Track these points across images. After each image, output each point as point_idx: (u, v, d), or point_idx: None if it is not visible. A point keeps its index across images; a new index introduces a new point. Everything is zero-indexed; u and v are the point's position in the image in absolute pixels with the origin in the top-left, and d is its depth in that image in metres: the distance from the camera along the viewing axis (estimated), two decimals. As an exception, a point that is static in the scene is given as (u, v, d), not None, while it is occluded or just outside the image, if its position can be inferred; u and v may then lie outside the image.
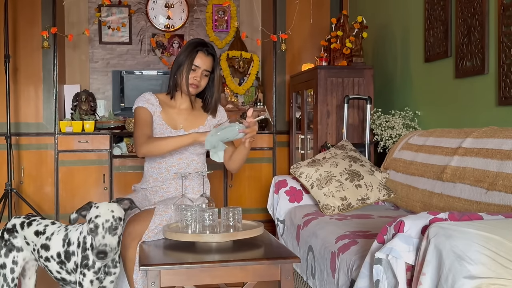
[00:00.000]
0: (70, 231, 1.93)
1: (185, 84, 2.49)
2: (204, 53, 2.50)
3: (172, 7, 5.30)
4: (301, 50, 4.92)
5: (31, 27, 4.56)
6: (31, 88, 4.59)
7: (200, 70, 2.50)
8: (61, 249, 1.91)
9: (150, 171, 2.59)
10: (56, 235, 1.94)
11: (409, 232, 1.57)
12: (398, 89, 3.94)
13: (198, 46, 2.50)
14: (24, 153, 4.57)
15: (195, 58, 2.48)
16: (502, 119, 2.73)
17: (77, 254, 1.86)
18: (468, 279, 1.32)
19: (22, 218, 2.03)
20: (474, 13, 2.92)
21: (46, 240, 1.94)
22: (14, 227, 2.01)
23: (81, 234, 1.89)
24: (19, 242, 2.00)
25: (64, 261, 1.90)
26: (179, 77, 2.51)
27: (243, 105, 5.25)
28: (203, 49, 2.50)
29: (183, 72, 2.49)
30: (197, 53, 2.49)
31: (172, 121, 2.56)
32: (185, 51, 2.51)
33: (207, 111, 2.61)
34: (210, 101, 2.59)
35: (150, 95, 2.58)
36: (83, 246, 1.87)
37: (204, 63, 2.50)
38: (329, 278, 2.31)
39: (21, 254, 2.00)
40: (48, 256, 1.94)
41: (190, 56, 2.48)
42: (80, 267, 1.84)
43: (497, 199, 2.18)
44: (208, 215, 2.05)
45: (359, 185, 3.00)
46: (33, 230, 1.97)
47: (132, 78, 5.08)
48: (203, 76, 2.52)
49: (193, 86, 2.51)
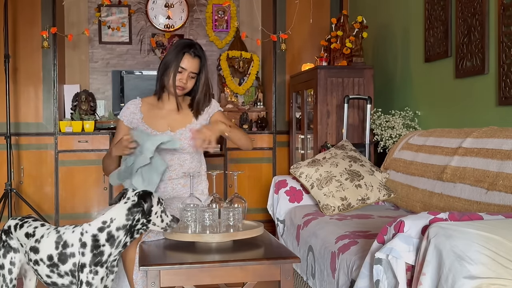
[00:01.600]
0: (64, 233, 1.89)
1: (172, 86, 2.49)
2: (190, 55, 2.47)
3: (172, 7, 5.30)
4: (301, 50, 4.92)
5: (31, 27, 4.56)
6: (31, 88, 4.59)
7: (186, 72, 2.48)
8: (53, 252, 1.87)
9: None
10: (46, 238, 1.90)
11: (409, 232, 1.57)
12: (398, 89, 3.94)
13: (184, 48, 2.48)
14: (24, 153, 4.57)
15: (181, 60, 2.46)
16: (502, 119, 2.73)
17: (80, 254, 1.83)
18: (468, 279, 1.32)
19: (17, 220, 2.02)
20: (474, 13, 2.92)
21: (35, 243, 1.90)
22: (9, 228, 2.00)
23: (84, 234, 1.86)
24: (15, 244, 1.99)
25: (57, 264, 1.86)
26: (165, 79, 2.50)
27: (243, 105, 5.25)
28: (189, 51, 2.47)
29: (170, 74, 2.48)
30: (184, 55, 2.47)
31: (156, 124, 2.56)
32: (171, 53, 2.49)
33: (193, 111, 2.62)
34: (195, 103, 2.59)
35: (131, 104, 2.62)
36: (94, 244, 1.83)
37: (190, 65, 2.47)
38: (329, 278, 2.31)
39: (18, 255, 1.99)
40: (37, 259, 1.89)
41: (176, 58, 2.46)
42: (90, 265, 1.82)
43: (497, 199, 2.18)
44: (208, 215, 2.05)
45: (359, 185, 3.00)
46: (24, 232, 1.96)
47: (132, 78, 5.08)
48: (190, 78, 2.50)
49: (179, 88, 2.50)
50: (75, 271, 1.84)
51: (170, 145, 2.39)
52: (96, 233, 1.85)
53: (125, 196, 1.91)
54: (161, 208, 1.91)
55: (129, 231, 1.87)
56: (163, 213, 1.92)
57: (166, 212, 1.93)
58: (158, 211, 1.90)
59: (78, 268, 1.83)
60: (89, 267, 1.82)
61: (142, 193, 1.89)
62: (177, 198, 2.51)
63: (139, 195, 1.88)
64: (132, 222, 1.86)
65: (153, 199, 1.90)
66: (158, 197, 1.93)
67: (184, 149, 2.55)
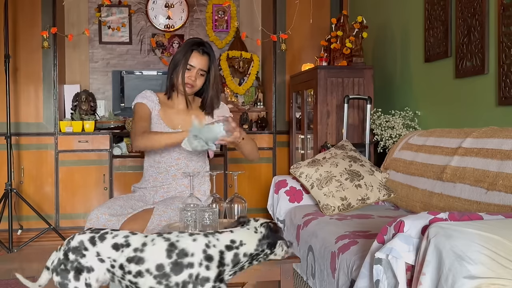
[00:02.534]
0: (178, 241, 1.70)
1: (181, 84, 2.49)
2: (199, 52, 2.49)
3: (172, 7, 5.30)
4: (301, 50, 4.92)
5: (31, 27, 4.56)
6: (31, 88, 4.59)
7: (195, 69, 2.49)
8: (164, 261, 1.66)
9: (150, 170, 2.60)
10: (151, 246, 1.69)
11: (409, 232, 1.57)
12: (398, 89, 3.94)
13: (193, 46, 2.50)
14: (24, 153, 4.57)
15: (190, 57, 2.48)
16: (502, 119, 2.73)
17: (202, 267, 1.67)
18: (468, 279, 1.32)
19: (89, 233, 1.73)
20: (474, 13, 2.93)
21: (136, 252, 1.67)
22: (82, 244, 1.70)
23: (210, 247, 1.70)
24: (88, 261, 1.69)
25: (168, 274, 1.65)
26: (175, 77, 2.51)
27: (243, 105, 5.25)
28: (198, 49, 2.49)
29: (179, 72, 2.49)
30: (192, 52, 2.48)
31: (170, 121, 2.57)
32: (180, 51, 2.51)
33: (205, 110, 2.61)
34: (207, 100, 2.59)
35: (150, 93, 2.60)
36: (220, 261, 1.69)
37: (199, 62, 2.49)
38: (329, 278, 2.31)
39: (93, 274, 1.69)
40: (141, 270, 1.66)
41: (185, 55, 2.48)
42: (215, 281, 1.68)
43: (497, 199, 2.18)
44: (208, 215, 2.05)
45: (359, 185, 3.00)
46: (111, 244, 1.69)
47: (132, 78, 5.08)
48: (199, 75, 2.51)
49: (189, 85, 2.51)
50: (189, 283, 1.66)
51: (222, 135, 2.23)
52: (223, 250, 1.71)
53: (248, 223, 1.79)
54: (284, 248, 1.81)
55: (252, 259, 1.76)
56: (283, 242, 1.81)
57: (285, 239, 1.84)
58: (282, 242, 1.80)
59: (197, 282, 1.67)
60: (213, 282, 1.67)
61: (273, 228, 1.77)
62: (178, 198, 2.51)
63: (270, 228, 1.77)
64: (259, 252, 1.76)
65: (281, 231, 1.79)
66: None
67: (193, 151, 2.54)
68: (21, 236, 4.38)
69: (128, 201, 2.50)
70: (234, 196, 2.24)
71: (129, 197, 2.55)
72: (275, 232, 1.76)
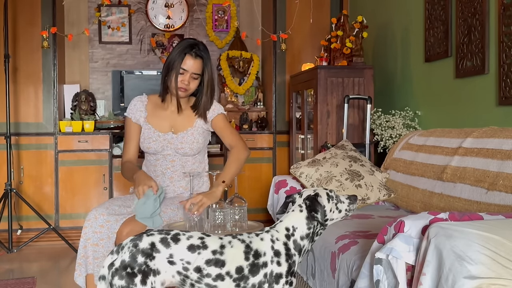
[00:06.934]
0: (251, 242, 1.66)
1: (174, 88, 2.47)
2: (191, 56, 2.45)
3: (172, 6, 5.30)
4: (301, 50, 4.92)
5: (31, 27, 4.56)
6: (31, 88, 4.59)
7: (188, 73, 2.46)
8: (243, 263, 1.62)
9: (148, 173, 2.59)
10: (230, 248, 1.64)
11: (409, 232, 1.57)
12: (398, 89, 3.94)
13: (186, 49, 2.45)
14: (24, 153, 4.57)
15: (182, 61, 2.44)
16: (502, 119, 2.73)
17: (274, 264, 1.66)
18: (468, 279, 1.31)
19: (158, 234, 1.63)
20: (474, 13, 2.92)
21: (216, 255, 1.61)
22: (153, 246, 1.59)
23: (275, 242, 1.68)
24: (156, 264, 1.58)
25: (246, 276, 1.62)
26: (168, 80, 2.49)
27: (243, 105, 5.25)
28: (191, 52, 2.45)
29: (172, 76, 2.46)
30: (185, 56, 2.45)
31: (159, 125, 2.55)
32: (173, 54, 2.47)
33: (196, 113, 2.59)
34: (199, 103, 2.56)
35: (137, 101, 2.60)
36: (287, 253, 1.68)
37: (192, 66, 2.45)
38: (329, 278, 2.31)
39: (158, 278, 1.58)
40: (221, 273, 1.60)
41: (178, 59, 2.44)
42: (287, 276, 1.66)
43: (497, 199, 2.18)
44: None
45: (359, 185, 2.99)
46: (186, 245, 1.60)
47: (132, 78, 5.08)
48: (192, 79, 2.48)
49: (182, 90, 2.48)
50: (264, 282, 1.64)
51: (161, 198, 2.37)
52: (286, 241, 1.70)
53: (294, 202, 1.77)
54: (333, 201, 1.77)
55: (312, 238, 1.75)
56: (338, 203, 1.78)
57: (340, 199, 1.79)
58: (332, 206, 1.76)
59: (272, 280, 1.65)
60: (285, 277, 1.65)
61: (310, 203, 1.73)
62: (178, 198, 2.51)
63: (307, 205, 1.73)
64: (313, 229, 1.74)
65: (321, 200, 1.74)
66: (326, 192, 1.77)
67: (186, 152, 2.54)
68: (21, 236, 4.38)
69: (127, 201, 2.50)
70: (234, 196, 2.24)
71: (128, 198, 2.55)
72: (313, 209, 1.71)
